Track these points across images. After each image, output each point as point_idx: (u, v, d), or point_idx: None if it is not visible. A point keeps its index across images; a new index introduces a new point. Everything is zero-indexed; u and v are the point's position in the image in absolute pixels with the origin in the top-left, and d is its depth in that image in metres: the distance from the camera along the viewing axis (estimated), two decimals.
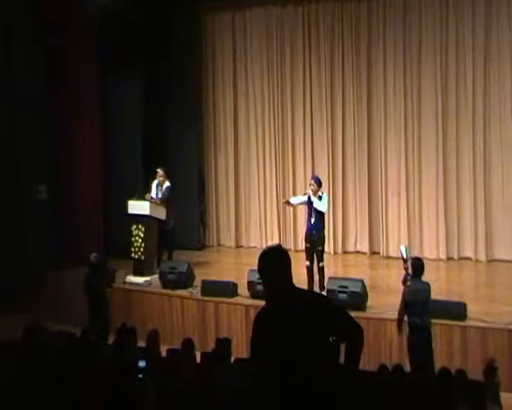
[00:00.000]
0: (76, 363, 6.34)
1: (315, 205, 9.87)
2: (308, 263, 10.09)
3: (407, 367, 7.51)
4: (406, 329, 7.91)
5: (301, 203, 10.36)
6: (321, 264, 10.01)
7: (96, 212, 12.92)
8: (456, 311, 8.92)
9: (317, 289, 10.04)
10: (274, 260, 3.88)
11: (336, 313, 3.95)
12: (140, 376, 6.01)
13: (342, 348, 3.91)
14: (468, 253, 12.27)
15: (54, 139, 12.60)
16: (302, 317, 3.76)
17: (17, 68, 12.21)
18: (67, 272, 11.87)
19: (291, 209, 13.45)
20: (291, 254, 4.03)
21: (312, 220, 9.98)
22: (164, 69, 13.78)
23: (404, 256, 8.29)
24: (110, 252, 12.70)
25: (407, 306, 7.82)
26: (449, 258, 12.30)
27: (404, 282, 8.14)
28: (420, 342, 7.65)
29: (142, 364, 6.12)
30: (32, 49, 12.33)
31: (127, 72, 13.22)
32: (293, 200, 10.63)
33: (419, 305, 7.68)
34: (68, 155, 12.63)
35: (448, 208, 12.37)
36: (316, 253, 10.02)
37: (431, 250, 12.38)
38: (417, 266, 7.89)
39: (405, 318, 7.95)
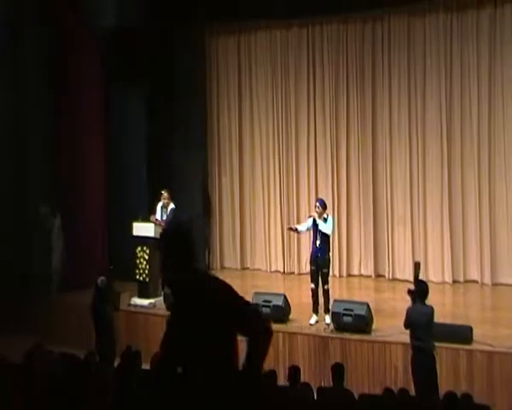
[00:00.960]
0: (79, 385, 6.32)
1: (320, 227, 9.87)
2: (313, 286, 10.05)
3: (412, 390, 7.47)
4: (410, 352, 7.86)
5: (308, 229, 10.31)
6: (326, 286, 9.98)
7: (100, 234, 12.91)
8: (462, 334, 8.88)
9: (322, 311, 10.03)
10: (176, 238, 3.74)
11: (241, 301, 3.60)
12: (145, 395, 5.98)
13: None
14: (474, 276, 12.24)
15: (58, 160, 12.61)
16: (201, 299, 3.53)
17: (23, 83, 12.28)
18: (71, 294, 11.86)
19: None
20: (295, 277, 4.00)
21: (317, 243, 9.96)
22: (169, 90, 13.83)
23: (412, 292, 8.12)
24: (115, 274, 12.69)
25: (410, 327, 7.77)
26: (454, 281, 12.26)
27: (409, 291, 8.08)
28: (423, 365, 7.61)
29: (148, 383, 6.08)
30: (38, 65, 12.39)
31: (132, 92, 13.27)
32: (300, 227, 10.50)
33: (422, 328, 7.64)
34: (72, 176, 12.65)
35: (453, 232, 12.35)
36: (321, 275, 9.99)
37: (436, 273, 12.34)
38: (422, 289, 7.85)
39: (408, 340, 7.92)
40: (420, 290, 7.83)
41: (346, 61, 13.13)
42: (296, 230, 10.52)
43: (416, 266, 8.49)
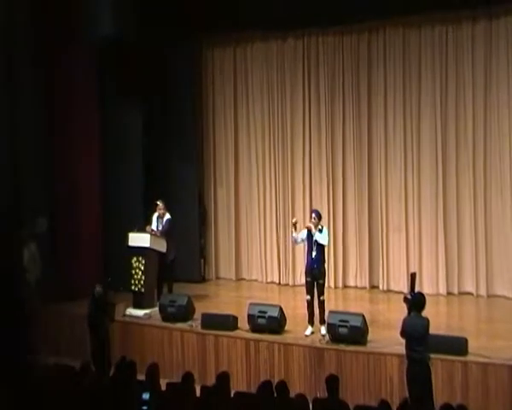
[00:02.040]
0: (75, 395, 6.31)
1: (316, 238, 9.88)
2: (309, 297, 10.07)
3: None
4: (405, 362, 7.87)
5: (302, 241, 10.27)
6: (321, 298, 9.99)
7: (95, 244, 12.90)
8: (457, 346, 8.89)
9: (317, 323, 10.03)
10: None
11: None
12: (144, 408, 6.00)
13: None
14: (469, 288, 12.25)
15: (53, 171, 12.60)
16: None
17: (17, 97, 12.25)
18: (67, 305, 11.84)
19: (291, 243, 13.47)
20: (290, 289, 4.01)
21: (313, 254, 9.98)
22: (165, 101, 13.87)
23: (408, 298, 8.11)
24: (110, 284, 12.68)
25: (406, 339, 7.79)
26: (449, 293, 12.26)
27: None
28: (419, 376, 7.61)
29: (145, 396, 6.09)
30: (33, 78, 12.37)
31: (128, 104, 13.30)
32: (296, 235, 10.19)
33: (417, 339, 7.65)
34: (67, 187, 12.62)
35: (448, 243, 12.36)
36: (317, 286, 10.01)
37: (431, 285, 12.33)
38: (418, 300, 7.86)
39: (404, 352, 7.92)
40: (417, 302, 7.84)
41: (341, 72, 13.16)
42: (295, 237, 10.19)
43: (413, 276, 8.49)
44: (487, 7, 11.85)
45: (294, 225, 10.15)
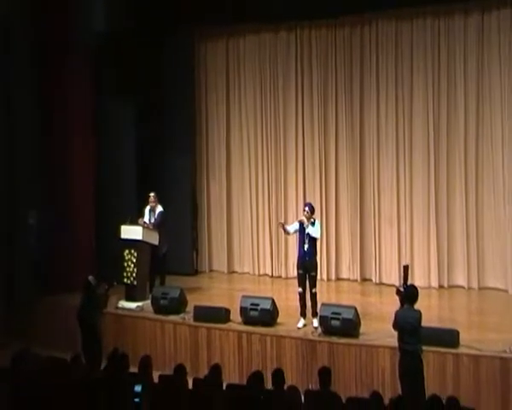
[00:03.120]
0: (65, 388, 6.31)
1: (309, 231, 9.90)
2: (300, 290, 10.08)
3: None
4: (398, 355, 7.90)
5: (295, 232, 10.32)
6: (314, 290, 10.01)
7: (88, 237, 12.89)
8: (449, 338, 8.93)
9: (309, 315, 10.05)
10: None
11: None
12: (136, 400, 6.00)
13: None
14: (460, 281, 12.30)
15: (47, 163, 12.58)
16: None
17: (12, 91, 12.24)
18: (59, 297, 11.83)
19: (283, 236, 13.49)
20: (283, 281, 4.01)
21: (305, 247, 9.99)
22: (158, 95, 13.85)
23: (401, 290, 8.10)
24: (102, 277, 12.66)
25: (398, 331, 7.80)
26: (440, 286, 12.31)
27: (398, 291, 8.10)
28: (411, 368, 7.63)
29: (138, 388, 6.09)
30: (29, 72, 12.37)
31: (121, 97, 13.26)
32: (289, 227, 10.40)
33: (409, 331, 7.66)
34: (61, 179, 12.60)
35: (440, 236, 12.40)
36: (309, 279, 10.02)
37: (423, 278, 12.37)
38: (411, 293, 7.86)
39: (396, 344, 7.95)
40: (409, 294, 7.84)
41: (334, 65, 13.17)
42: (285, 229, 10.38)
43: (405, 269, 8.49)
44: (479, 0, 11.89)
45: (282, 227, 10.32)
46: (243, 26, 13.63)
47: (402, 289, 8.06)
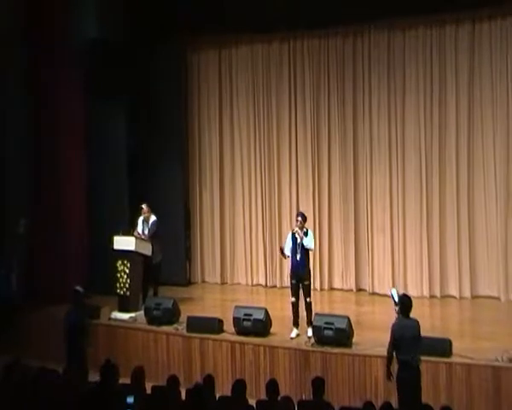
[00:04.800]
0: (59, 400, 6.28)
1: (304, 243, 9.89)
2: (293, 299, 10.08)
3: (395, 405, 7.47)
4: (395, 366, 7.83)
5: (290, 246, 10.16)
6: (308, 299, 10.00)
7: (80, 248, 12.85)
8: (442, 347, 8.93)
9: (303, 325, 10.04)
10: None
11: None
12: None
13: None
14: (453, 289, 12.31)
15: (38, 173, 12.55)
16: None
17: (2, 97, 12.22)
18: (49, 309, 11.77)
19: (277, 245, 13.50)
20: (277, 291, 4.01)
21: (298, 256, 9.99)
22: (149, 103, 13.85)
23: (396, 299, 8.11)
24: (95, 288, 12.63)
25: (396, 343, 7.67)
26: (432, 295, 12.31)
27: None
28: (408, 379, 7.57)
29: (130, 400, 6.07)
30: (18, 75, 12.35)
31: (113, 106, 13.26)
32: (286, 250, 10.19)
33: (407, 341, 7.56)
34: (52, 190, 12.59)
35: (432, 246, 12.42)
36: (303, 288, 10.02)
37: (415, 287, 12.38)
38: (405, 302, 7.79)
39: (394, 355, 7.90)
40: (403, 305, 7.79)
41: (327, 75, 13.22)
42: (284, 254, 10.22)
43: (396, 292, 8.35)
44: (471, 10, 11.94)
45: (282, 252, 10.22)
46: (236, 36, 13.67)
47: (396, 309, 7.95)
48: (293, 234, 10.01)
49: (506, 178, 11.94)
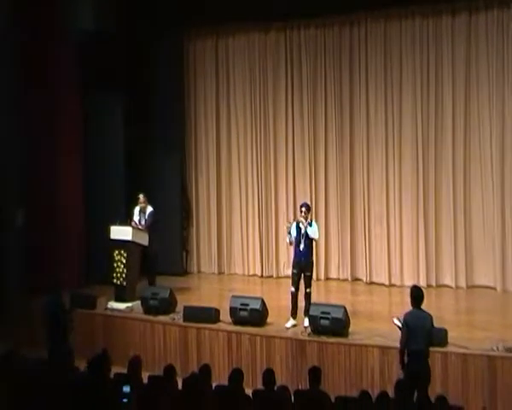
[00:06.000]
0: (54, 388, 6.29)
1: (308, 232, 9.86)
2: (293, 289, 10.08)
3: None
4: (406, 357, 7.68)
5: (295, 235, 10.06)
6: (308, 290, 9.99)
7: (77, 237, 12.85)
8: (437, 337, 8.93)
9: (301, 314, 10.05)
10: None
11: None
12: (124, 400, 5.98)
13: None
14: (448, 279, 12.35)
15: (35, 164, 12.53)
16: None
17: None
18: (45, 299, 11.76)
19: (273, 235, 13.53)
20: (273, 281, 4.01)
21: (301, 247, 9.95)
22: (146, 93, 13.85)
23: (400, 325, 8.04)
24: (92, 277, 12.66)
25: (408, 334, 7.53)
26: (428, 285, 12.33)
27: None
28: (419, 370, 7.43)
29: (126, 389, 6.08)
30: (14, 70, 12.30)
31: (110, 96, 13.25)
32: (290, 237, 10.05)
33: (419, 333, 7.48)
34: (49, 179, 12.57)
35: (428, 235, 12.45)
36: (304, 279, 10.01)
37: (411, 277, 12.41)
38: (416, 294, 7.66)
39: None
40: (415, 296, 7.66)
41: (323, 65, 13.21)
42: (291, 241, 10.08)
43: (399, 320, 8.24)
44: (467, 0, 11.94)
45: (289, 233, 10.06)
46: (232, 25, 13.64)
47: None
48: (298, 224, 9.99)
49: (502, 168, 11.97)
